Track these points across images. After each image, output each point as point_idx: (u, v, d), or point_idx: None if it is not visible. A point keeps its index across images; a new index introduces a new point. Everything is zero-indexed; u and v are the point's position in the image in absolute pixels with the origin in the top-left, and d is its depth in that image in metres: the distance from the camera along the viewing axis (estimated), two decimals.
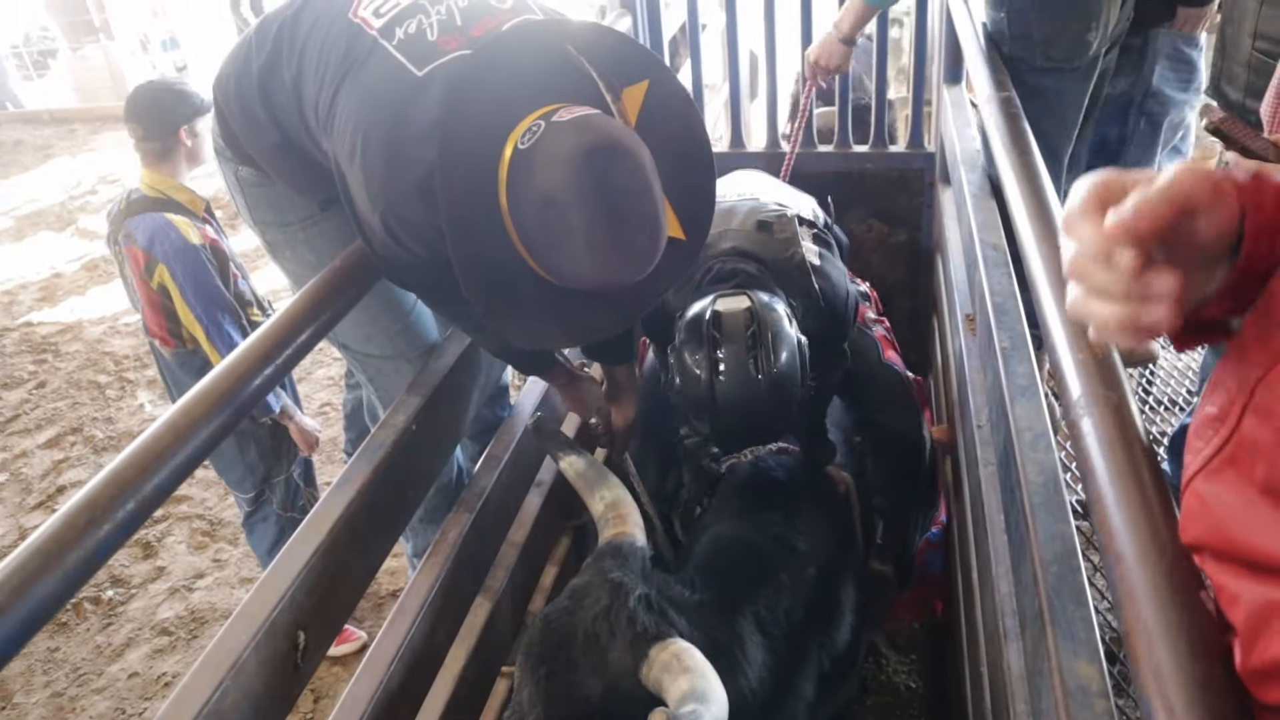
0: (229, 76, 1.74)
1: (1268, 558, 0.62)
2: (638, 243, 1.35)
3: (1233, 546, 0.67)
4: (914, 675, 2.88)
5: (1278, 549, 0.62)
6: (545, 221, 1.32)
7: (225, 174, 1.89)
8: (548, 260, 1.37)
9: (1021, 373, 1.59)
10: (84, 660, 3.29)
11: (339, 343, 2.05)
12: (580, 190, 1.28)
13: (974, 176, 2.34)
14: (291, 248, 1.91)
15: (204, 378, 1.30)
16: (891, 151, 3.44)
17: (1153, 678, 0.70)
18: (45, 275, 6.49)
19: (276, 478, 2.96)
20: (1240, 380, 0.67)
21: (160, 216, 2.63)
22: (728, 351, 1.76)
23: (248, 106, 1.71)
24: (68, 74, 11.04)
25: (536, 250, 1.37)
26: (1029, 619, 1.35)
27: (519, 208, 1.35)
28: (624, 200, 1.32)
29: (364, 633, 3.27)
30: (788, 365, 1.79)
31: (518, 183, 1.34)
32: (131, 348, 5.35)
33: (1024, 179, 1.62)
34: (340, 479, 1.58)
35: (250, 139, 1.76)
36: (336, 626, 1.52)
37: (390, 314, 1.98)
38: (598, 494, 1.71)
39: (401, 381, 1.97)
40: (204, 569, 3.68)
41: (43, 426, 4.69)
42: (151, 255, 2.61)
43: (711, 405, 1.79)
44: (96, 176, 8.19)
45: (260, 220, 1.90)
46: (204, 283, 2.63)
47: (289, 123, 1.68)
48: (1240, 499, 0.66)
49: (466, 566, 1.93)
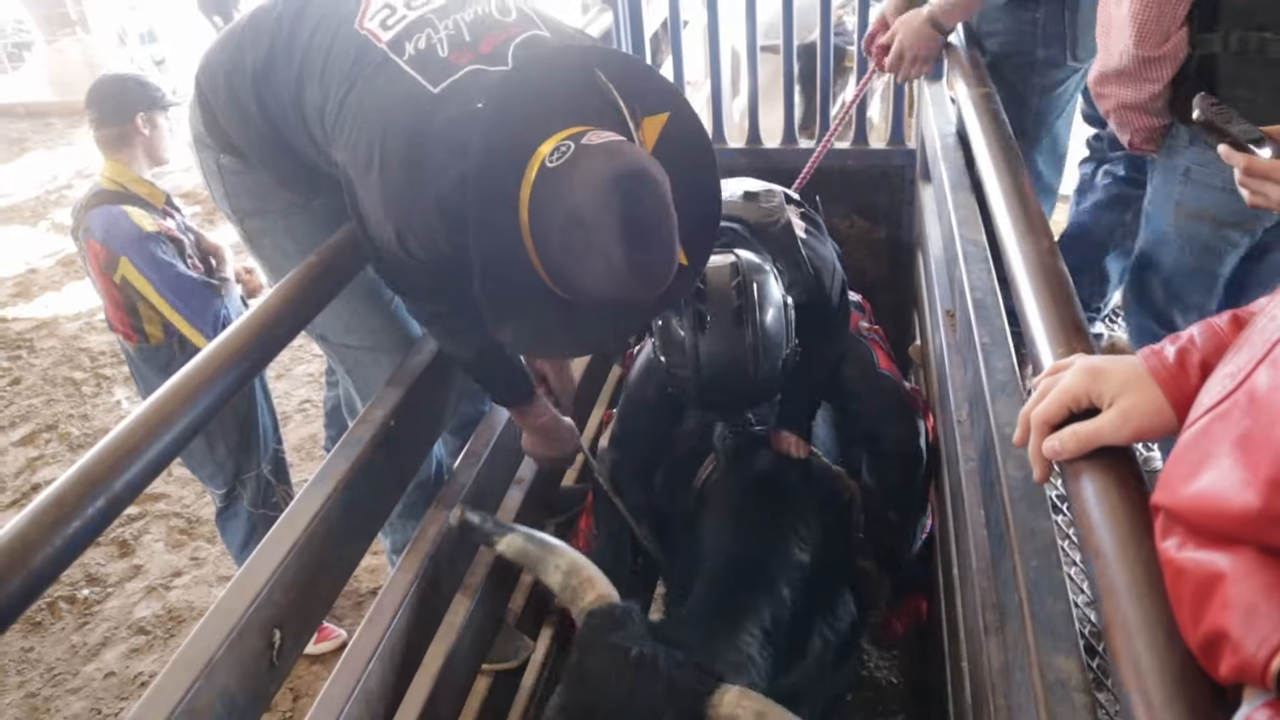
0: (217, 67, 1.72)
1: (1219, 514, 0.66)
2: (655, 268, 1.39)
3: (1192, 504, 0.69)
4: (895, 671, 2.89)
5: (1231, 504, 0.65)
6: (569, 239, 1.35)
7: (204, 162, 1.87)
8: (564, 275, 1.40)
9: (1001, 368, 1.60)
10: (59, 660, 3.25)
11: (317, 334, 2.03)
12: (608, 213, 1.31)
13: (954, 173, 2.35)
14: (272, 236, 1.89)
15: (179, 370, 1.28)
16: (873, 148, 3.44)
17: (1132, 672, 0.70)
18: (20, 271, 6.41)
19: (247, 474, 2.93)
20: (1264, 335, 0.72)
21: (116, 209, 2.61)
22: (712, 306, 1.74)
23: (239, 100, 1.70)
24: (43, 67, 10.92)
25: (554, 265, 1.39)
26: (1009, 614, 1.35)
27: (542, 223, 1.37)
28: (647, 226, 1.35)
29: (344, 631, 3.24)
30: (773, 322, 1.78)
31: (543, 199, 1.36)
32: (108, 344, 5.30)
33: (1004, 175, 1.62)
34: (317, 475, 1.56)
35: (238, 130, 1.75)
36: (313, 624, 1.50)
37: (370, 305, 1.97)
38: (550, 565, 1.66)
39: (380, 374, 1.96)
40: (181, 567, 3.64)
41: (17, 424, 4.64)
42: (110, 249, 2.60)
43: (695, 362, 1.77)
44: (72, 171, 8.11)
45: (239, 209, 1.88)
46: (167, 268, 2.61)
47: (285, 124, 1.68)
48: (1216, 451, 0.69)
49: (446, 564, 1.92)
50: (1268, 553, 0.63)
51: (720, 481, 2.09)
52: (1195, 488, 0.70)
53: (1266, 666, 0.59)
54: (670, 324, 1.80)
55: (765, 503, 1.99)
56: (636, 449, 2.30)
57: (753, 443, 2.07)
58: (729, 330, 1.74)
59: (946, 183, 2.30)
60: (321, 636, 3.18)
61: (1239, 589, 0.62)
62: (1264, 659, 0.59)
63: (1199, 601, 0.66)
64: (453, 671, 1.89)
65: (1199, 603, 0.66)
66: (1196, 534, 0.69)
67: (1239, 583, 0.63)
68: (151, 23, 10.81)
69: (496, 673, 2.16)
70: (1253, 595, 0.61)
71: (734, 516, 1.96)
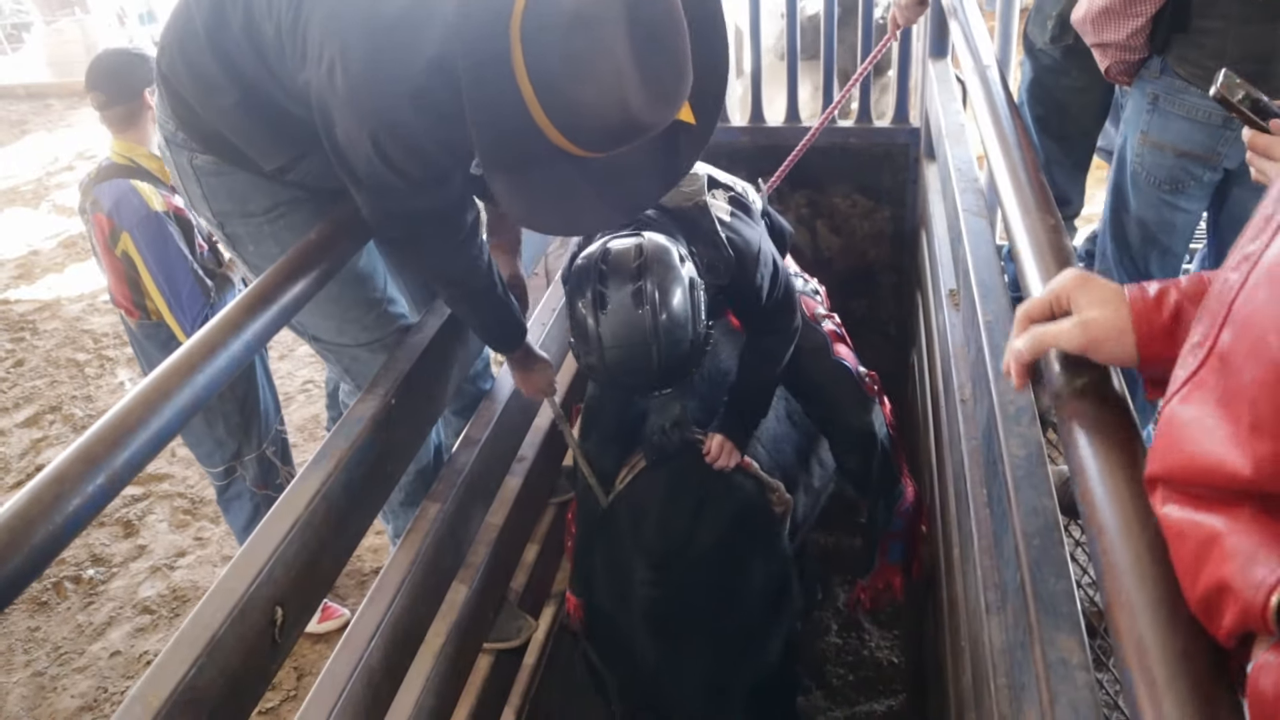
0: (172, 45, 1.64)
1: (1212, 472, 0.67)
2: (666, 78, 1.29)
3: (1185, 468, 0.70)
4: (896, 650, 2.90)
5: (1224, 461, 0.66)
6: (571, 43, 1.24)
7: (178, 164, 1.77)
8: (570, 99, 1.27)
9: (1005, 346, 1.59)
10: (65, 639, 3.27)
11: (309, 336, 1.98)
12: (615, 6, 1.23)
13: (959, 151, 2.33)
14: (255, 241, 1.81)
15: (176, 350, 1.27)
16: (876, 126, 3.42)
17: (1134, 651, 0.70)
18: (22, 253, 6.42)
19: (247, 455, 2.92)
20: (1220, 299, 0.71)
21: (125, 183, 2.58)
22: (612, 285, 1.75)
23: (199, 70, 1.62)
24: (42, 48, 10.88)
25: (558, 92, 1.27)
26: (1010, 593, 1.35)
27: (538, 39, 1.26)
28: (654, 29, 1.26)
29: (347, 610, 3.26)
30: (678, 303, 1.76)
31: (538, 9, 1.26)
32: (110, 325, 5.30)
33: (1009, 152, 1.61)
34: (318, 453, 1.56)
35: (208, 106, 1.65)
36: (315, 602, 1.50)
37: (362, 302, 1.92)
38: None
39: (379, 366, 1.94)
40: (185, 547, 3.66)
41: (21, 405, 4.65)
42: (115, 222, 2.57)
43: (598, 344, 1.77)
44: (73, 152, 8.09)
45: (220, 211, 1.78)
46: (165, 252, 2.58)
47: (249, 72, 1.59)
48: (1199, 415, 0.70)
49: (447, 543, 1.92)
50: (1263, 511, 0.64)
51: (638, 477, 2.11)
52: (1185, 452, 0.70)
53: (1265, 607, 0.60)
54: (575, 306, 1.81)
55: (674, 506, 2.03)
56: (600, 428, 2.31)
57: (682, 445, 2.08)
58: (628, 311, 1.74)
59: (951, 161, 2.28)
60: (325, 616, 3.20)
61: (1236, 540, 0.64)
62: (1263, 599, 0.60)
63: (1198, 560, 0.67)
64: (455, 650, 1.90)
65: (1198, 561, 0.67)
66: (1193, 498, 0.70)
67: (1236, 535, 0.64)
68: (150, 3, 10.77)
69: (498, 652, 2.17)
70: (1250, 545, 0.63)
71: (652, 518, 2.03)
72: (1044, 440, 1.42)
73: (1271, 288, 0.64)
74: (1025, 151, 1.59)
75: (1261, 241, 0.68)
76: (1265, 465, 0.63)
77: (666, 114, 1.33)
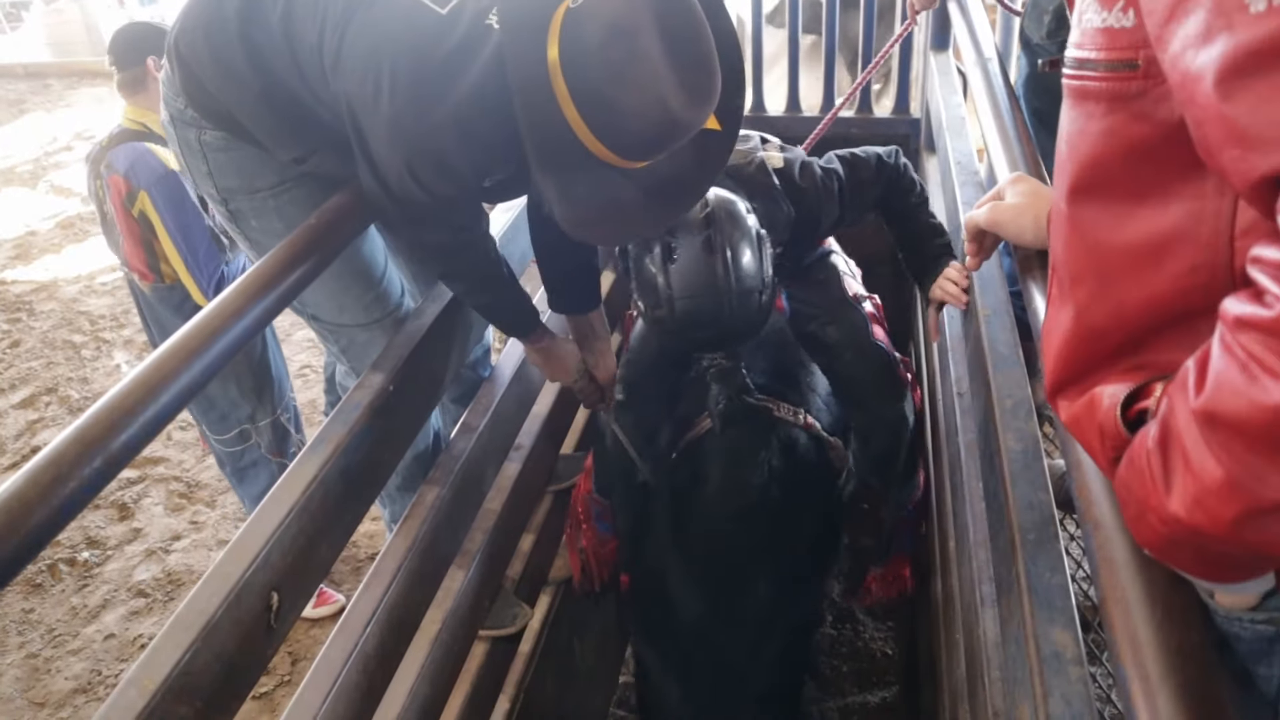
0: (195, 29, 1.66)
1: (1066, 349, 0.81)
2: (701, 77, 1.36)
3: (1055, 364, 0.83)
4: (890, 642, 2.91)
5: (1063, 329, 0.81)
6: (609, 55, 1.31)
7: (185, 141, 1.79)
8: (613, 107, 1.34)
9: (1003, 340, 1.59)
10: (59, 621, 3.27)
11: (309, 315, 1.99)
12: (645, 16, 1.29)
13: (959, 143, 2.33)
14: (259, 216, 1.83)
15: (175, 332, 1.27)
16: (877, 117, 3.42)
17: (1129, 645, 0.70)
18: (19, 233, 6.39)
19: (262, 419, 2.93)
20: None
21: (140, 145, 2.62)
22: (681, 236, 1.74)
23: (222, 57, 1.64)
24: (41, 27, 10.83)
25: (599, 102, 1.34)
26: (1005, 586, 1.35)
27: (577, 60, 1.32)
28: (685, 34, 1.33)
29: (342, 596, 3.26)
30: (747, 253, 1.76)
31: (573, 35, 1.32)
32: (108, 307, 5.29)
33: (1010, 146, 1.61)
34: (316, 439, 1.56)
35: (227, 92, 1.68)
36: (311, 588, 1.50)
37: (362, 282, 1.93)
38: None
39: (376, 349, 1.93)
40: (181, 531, 3.66)
41: (17, 386, 4.64)
42: (132, 183, 2.59)
43: (668, 295, 1.76)
44: (72, 132, 8.06)
45: (225, 188, 1.81)
46: (183, 209, 2.61)
47: (276, 66, 1.62)
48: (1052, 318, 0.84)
49: (444, 529, 1.92)
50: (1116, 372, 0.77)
51: (711, 442, 2.09)
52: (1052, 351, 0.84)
53: (1115, 421, 0.74)
54: (643, 263, 1.80)
55: (741, 468, 2.01)
56: (641, 407, 2.30)
57: (747, 409, 2.07)
58: (699, 261, 1.73)
59: (951, 153, 2.28)
60: (320, 601, 3.20)
61: (1099, 394, 0.77)
62: (1113, 418, 0.74)
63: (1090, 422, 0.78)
64: (450, 637, 1.90)
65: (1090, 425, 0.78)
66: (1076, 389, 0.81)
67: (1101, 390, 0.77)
68: None
69: (493, 639, 2.17)
70: (1108, 390, 0.76)
71: (721, 478, 1.98)
72: (1041, 435, 1.42)
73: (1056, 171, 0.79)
74: (1025, 145, 1.59)
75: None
76: (1084, 307, 0.77)
77: (703, 112, 1.39)
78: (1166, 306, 0.72)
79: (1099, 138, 0.73)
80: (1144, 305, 0.73)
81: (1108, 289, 0.75)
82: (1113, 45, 0.70)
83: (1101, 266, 0.75)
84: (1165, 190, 0.70)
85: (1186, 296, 0.70)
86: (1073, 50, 0.76)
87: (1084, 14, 0.73)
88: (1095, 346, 0.78)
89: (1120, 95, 0.70)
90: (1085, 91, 0.74)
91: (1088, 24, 0.73)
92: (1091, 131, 0.74)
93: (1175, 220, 0.69)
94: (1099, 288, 0.76)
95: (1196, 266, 0.68)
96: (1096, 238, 0.75)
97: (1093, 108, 0.73)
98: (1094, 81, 0.72)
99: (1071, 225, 0.77)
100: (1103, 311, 0.76)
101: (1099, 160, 0.73)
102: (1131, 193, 0.72)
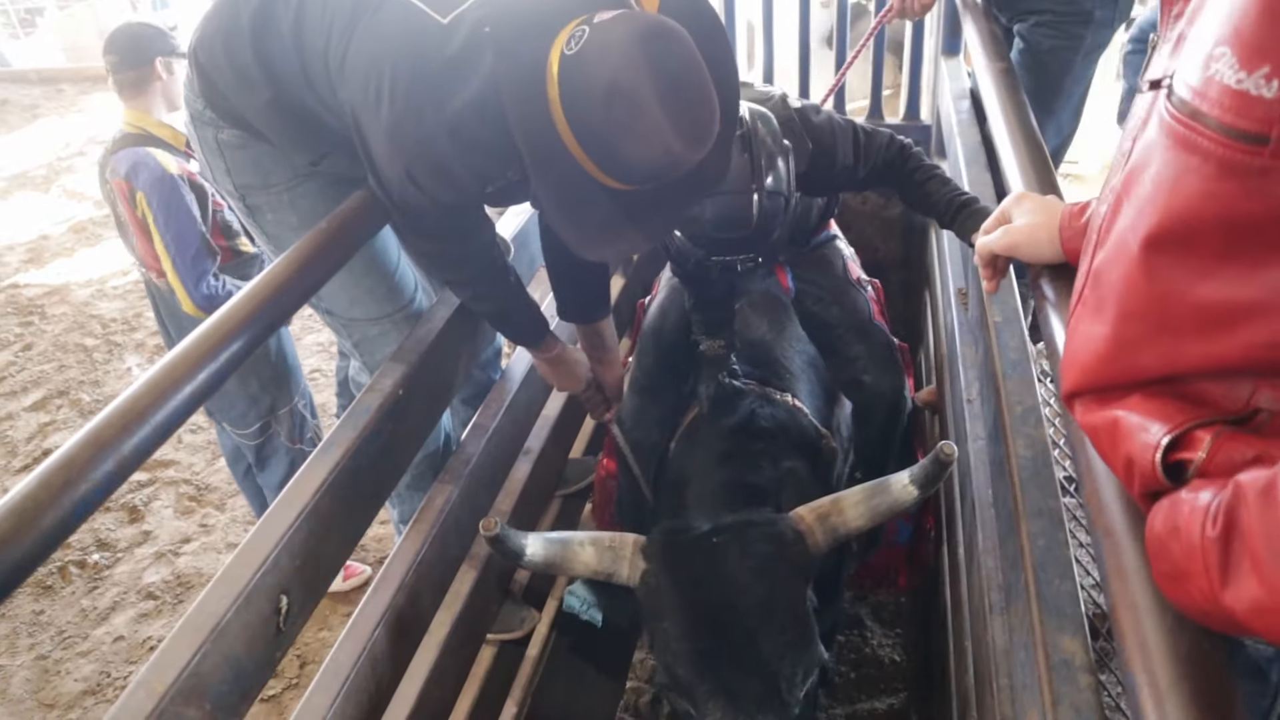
0: (214, 35, 1.71)
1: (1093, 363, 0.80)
2: (700, 119, 1.40)
3: (1082, 374, 0.82)
4: (898, 649, 2.89)
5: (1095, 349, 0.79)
6: (612, 113, 1.35)
7: (203, 140, 1.85)
8: (613, 153, 1.39)
9: (1013, 347, 1.59)
10: (69, 623, 3.29)
11: (323, 309, 2.03)
12: (642, 73, 1.32)
13: (969, 150, 2.32)
14: (275, 210, 1.88)
15: (186, 336, 1.28)
16: (887, 123, 3.41)
17: (1139, 653, 0.70)
18: (32, 237, 6.43)
19: (282, 408, 2.95)
20: (1094, 228, 0.85)
21: (140, 149, 2.66)
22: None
23: (238, 63, 1.68)
24: (55, 33, 10.90)
25: (600, 146, 1.39)
26: (1014, 593, 1.35)
27: (579, 108, 1.37)
28: (682, 79, 1.36)
29: (368, 567, 3.30)
30: (778, 154, 1.82)
31: (573, 85, 1.36)
32: (119, 311, 5.32)
33: (1021, 152, 1.60)
34: (325, 442, 1.56)
35: (242, 98, 1.72)
36: (320, 591, 1.51)
37: (375, 275, 1.97)
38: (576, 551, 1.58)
39: (388, 345, 1.96)
40: (190, 534, 3.67)
41: (29, 389, 4.66)
42: (132, 184, 2.65)
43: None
44: (85, 137, 8.10)
45: (242, 184, 1.86)
46: (177, 214, 2.64)
47: (286, 74, 1.66)
48: (1083, 327, 0.83)
49: (452, 533, 1.93)
50: (1147, 394, 0.75)
51: (698, 426, 2.08)
52: (1079, 362, 0.82)
53: (1153, 465, 0.71)
54: None
55: (743, 445, 1.99)
56: (655, 391, 2.31)
57: (736, 393, 2.07)
58: (735, 156, 1.77)
59: (962, 159, 2.28)
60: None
61: (1129, 420, 0.75)
62: (1150, 459, 0.72)
63: (1112, 445, 0.78)
64: (458, 640, 1.90)
65: (1112, 446, 0.78)
66: (1097, 400, 0.80)
67: (1129, 416, 0.76)
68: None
69: (501, 643, 2.17)
70: (1140, 421, 0.74)
71: (712, 457, 1.97)
72: (1050, 441, 1.42)
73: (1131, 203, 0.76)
74: (1036, 151, 1.58)
75: (1120, 177, 0.79)
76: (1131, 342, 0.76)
77: (703, 149, 1.43)
78: (1229, 367, 0.69)
79: (1198, 199, 0.67)
80: (1203, 360, 0.70)
81: (1166, 336, 0.72)
82: (1243, 112, 0.63)
83: (1165, 315, 0.72)
84: (1257, 259, 0.65)
85: (1256, 364, 0.68)
86: (1186, 91, 0.68)
87: (1213, 62, 0.65)
88: (1129, 373, 0.76)
89: (1237, 166, 0.64)
90: (1193, 145, 0.67)
91: (1217, 76, 0.64)
92: (1190, 188, 0.68)
93: (1265, 291, 0.65)
94: (1156, 332, 0.73)
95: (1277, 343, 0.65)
96: (1166, 288, 0.71)
97: (1198, 164, 0.67)
98: (1207, 140, 0.66)
99: (1142, 269, 0.73)
100: (1154, 354, 0.74)
101: (1191, 219, 0.68)
102: (1218, 254, 0.67)
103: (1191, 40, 0.70)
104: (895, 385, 2.30)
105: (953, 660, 1.88)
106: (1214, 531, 0.63)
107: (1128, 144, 0.80)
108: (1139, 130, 0.78)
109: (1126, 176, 0.77)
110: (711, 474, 1.91)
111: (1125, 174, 0.77)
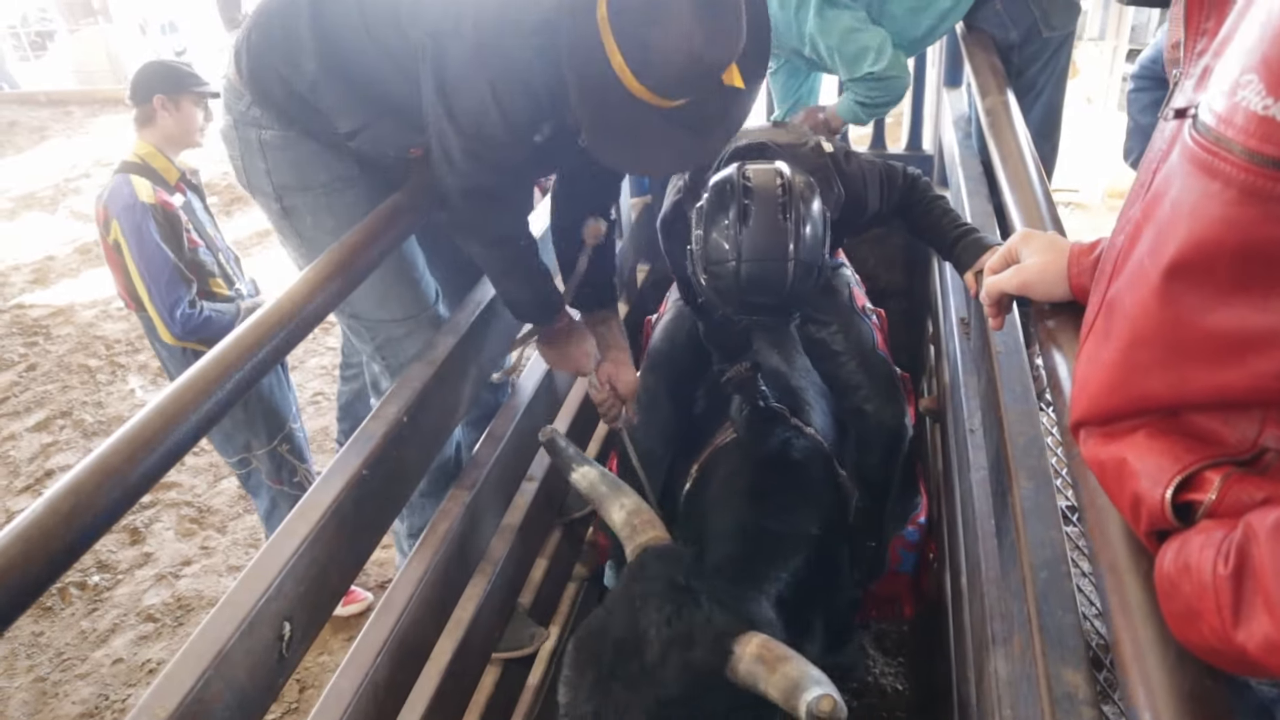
0: (272, 14, 1.78)
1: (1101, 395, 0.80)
2: (727, 27, 1.52)
3: (1091, 404, 0.82)
4: (901, 678, 2.88)
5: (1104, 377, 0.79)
6: (649, 9, 1.49)
7: (245, 142, 1.88)
8: (649, 48, 1.51)
9: (1015, 378, 1.59)
10: (68, 645, 3.28)
11: (349, 313, 2.06)
12: None
13: (971, 180, 2.34)
14: (313, 213, 1.93)
15: (200, 359, 1.29)
16: (890, 154, 3.44)
17: (1142, 689, 0.70)
18: (38, 257, 6.47)
19: (257, 449, 2.96)
20: (1109, 259, 0.85)
21: (123, 176, 2.74)
22: (758, 200, 1.80)
23: (292, 35, 1.75)
24: (66, 56, 11.00)
25: (636, 43, 1.51)
26: (1017, 624, 1.35)
27: (622, 11, 1.50)
28: None
29: (370, 594, 3.28)
30: (816, 222, 1.84)
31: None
32: (123, 332, 5.33)
33: (1022, 183, 1.62)
34: (330, 469, 1.57)
35: (295, 68, 1.77)
36: (322, 618, 1.51)
37: (403, 278, 2.03)
38: (616, 503, 1.66)
39: (412, 347, 2.02)
40: (191, 556, 3.67)
41: (32, 409, 4.67)
42: (108, 210, 2.72)
43: (737, 254, 1.81)
44: (91, 159, 8.16)
45: (281, 185, 1.91)
46: (145, 239, 2.70)
47: (345, 32, 1.73)
48: (1094, 355, 0.82)
49: (455, 559, 1.93)
50: (1154, 431, 0.76)
51: (734, 450, 2.08)
52: (1089, 392, 0.82)
53: (1163, 505, 0.72)
54: (715, 222, 1.86)
55: (779, 476, 2.00)
56: (660, 407, 2.33)
57: (770, 416, 2.08)
58: (773, 224, 1.79)
59: (964, 190, 2.29)
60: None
61: (1137, 460, 0.76)
62: (1159, 500, 0.72)
63: (1119, 483, 0.78)
64: (460, 666, 1.90)
65: (1119, 484, 0.78)
66: (1104, 435, 0.80)
67: (1137, 456, 0.76)
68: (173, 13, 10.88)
69: (506, 663, 2.16)
70: (1148, 462, 0.75)
71: (748, 485, 1.96)
72: (1052, 470, 1.42)
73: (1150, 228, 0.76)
74: (1039, 183, 1.60)
75: (1138, 207, 0.79)
76: (1141, 367, 0.75)
77: (727, 57, 1.55)
78: (1235, 396, 0.70)
79: (1218, 224, 0.68)
80: (1211, 389, 0.71)
81: (1175, 362, 0.73)
82: (1269, 138, 0.63)
83: (1176, 341, 0.72)
84: (1269, 288, 0.66)
85: (1263, 394, 0.68)
86: (1211, 118, 0.68)
87: (1240, 89, 0.65)
88: (1137, 401, 0.77)
89: (1259, 192, 0.64)
90: (1215, 170, 0.67)
91: (1244, 102, 0.64)
92: (1210, 213, 0.68)
93: (1276, 320, 0.66)
94: (1166, 359, 0.73)
95: None
96: (1180, 314, 0.71)
97: (1219, 190, 0.67)
98: (1230, 165, 0.66)
99: (1156, 294, 0.73)
100: (1163, 381, 0.74)
101: (1209, 245, 0.69)
102: (1233, 281, 0.68)
103: (1218, 71, 0.70)
104: (897, 414, 2.31)
105: (956, 691, 1.88)
106: (1226, 570, 0.64)
107: (1147, 175, 0.80)
108: (1159, 161, 0.78)
109: (1147, 204, 0.77)
110: (737, 509, 1.90)
111: (1145, 202, 0.78)
